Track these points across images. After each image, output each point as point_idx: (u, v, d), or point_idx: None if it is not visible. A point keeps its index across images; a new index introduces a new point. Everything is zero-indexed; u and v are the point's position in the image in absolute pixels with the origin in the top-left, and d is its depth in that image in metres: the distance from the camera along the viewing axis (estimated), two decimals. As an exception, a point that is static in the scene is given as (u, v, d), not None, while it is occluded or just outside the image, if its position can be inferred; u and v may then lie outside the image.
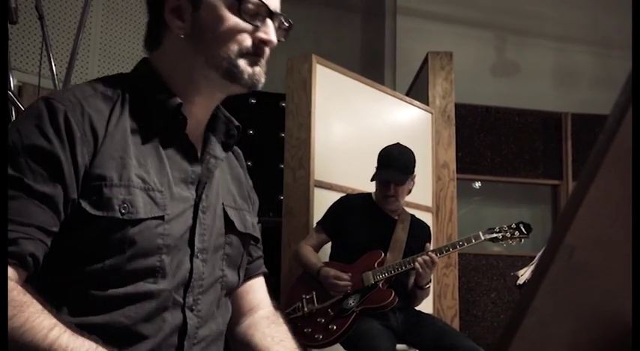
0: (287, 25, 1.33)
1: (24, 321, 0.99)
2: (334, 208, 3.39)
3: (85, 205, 1.13)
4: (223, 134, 1.41)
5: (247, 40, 1.24)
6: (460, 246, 3.12)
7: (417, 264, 3.04)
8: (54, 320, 1.03)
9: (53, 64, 2.87)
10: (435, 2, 6.30)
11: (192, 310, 1.25)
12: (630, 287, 0.65)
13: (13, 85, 2.56)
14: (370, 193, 3.42)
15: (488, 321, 5.51)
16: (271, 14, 1.26)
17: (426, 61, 5.03)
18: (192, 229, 1.26)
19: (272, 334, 1.42)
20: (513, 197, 6.27)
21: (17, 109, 2.50)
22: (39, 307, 1.03)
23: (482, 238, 3.14)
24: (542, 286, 0.53)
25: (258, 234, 1.47)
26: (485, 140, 5.83)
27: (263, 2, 1.24)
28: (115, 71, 4.59)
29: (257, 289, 1.53)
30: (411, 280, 3.20)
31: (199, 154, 1.32)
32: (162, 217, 1.19)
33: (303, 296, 3.17)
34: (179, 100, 1.26)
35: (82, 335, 1.04)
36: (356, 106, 4.15)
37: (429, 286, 3.20)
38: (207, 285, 1.28)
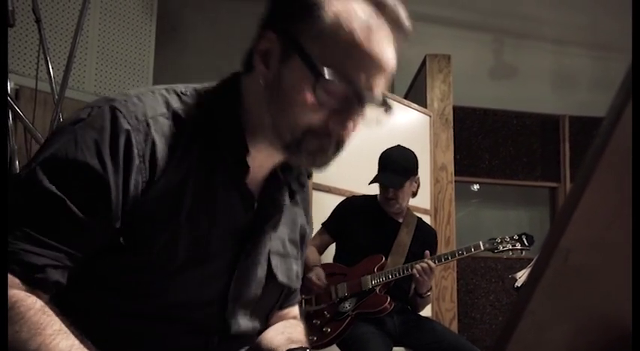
0: (388, 110, 1.15)
1: (38, 345, 0.92)
2: (339, 210, 3.39)
3: (123, 239, 1.06)
4: (293, 178, 1.31)
5: (321, 117, 1.08)
6: (460, 255, 3.12)
7: (414, 271, 3.03)
8: (71, 341, 0.95)
9: (50, 67, 2.87)
10: (433, 5, 6.30)
11: None
12: (628, 290, 0.65)
13: (10, 89, 2.56)
14: (375, 196, 3.41)
15: (487, 323, 5.51)
16: (360, 99, 1.08)
17: (424, 63, 5.04)
18: (227, 281, 1.19)
19: (282, 330, 1.38)
20: (511, 199, 6.27)
21: (14, 112, 2.50)
22: (57, 326, 0.95)
23: (482, 248, 3.13)
24: (537, 289, 0.53)
25: (298, 284, 1.39)
26: (483, 143, 5.83)
27: (354, 88, 1.06)
28: (112, 74, 4.60)
29: (290, 313, 1.48)
30: (412, 286, 3.20)
31: (257, 200, 1.23)
32: (197, 266, 1.13)
33: (302, 296, 3.17)
34: (247, 148, 1.15)
35: None
36: (354, 109, 4.14)
37: (429, 294, 3.19)
38: (241, 336, 1.26)
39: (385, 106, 1.13)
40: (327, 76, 1.03)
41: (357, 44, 1.05)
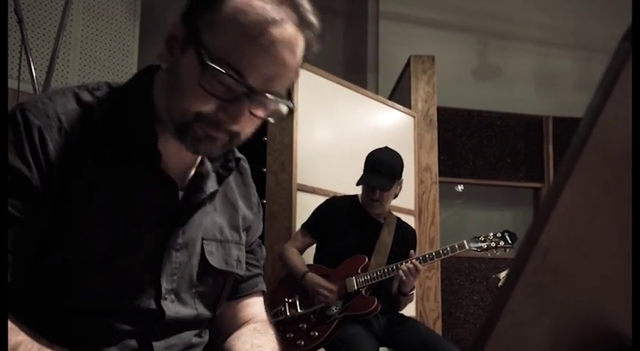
0: (284, 110, 1.13)
1: None
2: (320, 211, 3.38)
3: (47, 235, 1.08)
4: (220, 165, 1.33)
5: (210, 106, 1.08)
6: (444, 254, 3.12)
7: (400, 272, 3.03)
8: (21, 337, 0.98)
9: (33, 68, 2.85)
10: (418, 6, 6.32)
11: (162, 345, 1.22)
12: (607, 288, 0.65)
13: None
14: (356, 196, 3.41)
15: (471, 323, 5.53)
16: (250, 94, 1.07)
17: (408, 64, 5.05)
18: (158, 269, 1.19)
19: (252, 342, 1.36)
20: (495, 200, 6.29)
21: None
22: (8, 326, 0.97)
23: (467, 246, 3.14)
24: (517, 288, 0.53)
25: (241, 270, 1.38)
26: (467, 143, 5.85)
27: (238, 78, 1.05)
28: (96, 75, 4.57)
29: (252, 306, 1.47)
30: (395, 285, 3.20)
31: (184, 188, 1.25)
32: (121, 256, 1.13)
33: (286, 299, 3.16)
34: (155, 136, 1.16)
35: (52, 348, 1.01)
36: (339, 110, 4.15)
37: (413, 293, 3.20)
38: (182, 323, 1.25)
39: (285, 103, 1.13)
40: (212, 65, 1.04)
41: (249, 39, 1.04)
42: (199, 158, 1.28)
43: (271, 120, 1.16)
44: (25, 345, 0.97)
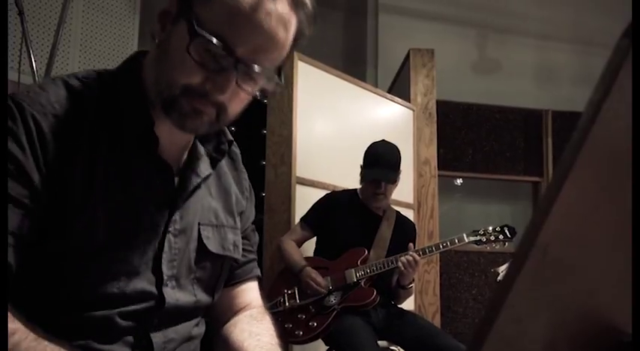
0: (272, 85, 1.14)
1: None
2: (320, 205, 3.40)
3: (47, 223, 1.06)
4: (213, 148, 1.33)
5: (197, 78, 1.08)
6: (444, 247, 3.13)
7: (399, 264, 3.05)
8: (16, 325, 0.97)
9: (33, 60, 2.85)
10: (417, 0, 6.32)
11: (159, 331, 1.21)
12: (607, 283, 0.66)
13: (-8, 81, 2.54)
14: (356, 190, 3.42)
15: (470, 317, 5.54)
16: (237, 64, 1.07)
17: (407, 58, 5.05)
18: (158, 255, 1.19)
19: (250, 329, 1.37)
20: (494, 194, 6.30)
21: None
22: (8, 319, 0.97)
23: (467, 240, 3.15)
24: (516, 283, 0.54)
25: (238, 254, 1.38)
26: (466, 137, 5.86)
27: (226, 47, 1.06)
28: (96, 67, 4.55)
29: (247, 292, 1.47)
30: (394, 278, 3.21)
31: (179, 172, 1.25)
32: (120, 243, 1.13)
33: (285, 291, 3.18)
34: (151, 119, 1.16)
35: (48, 339, 1.00)
36: (338, 103, 4.16)
37: (412, 286, 3.21)
38: (181, 311, 1.25)
39: (274, 80, 1.13)
40: (202, 33, 1.04)
41: (240, 12, 1.05)
42: (192, 141, 1.28)
43: (259, 97, 1.16)
44: (20, 334, 0.96)
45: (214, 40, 1.04)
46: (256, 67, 1.09)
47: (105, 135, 1.13)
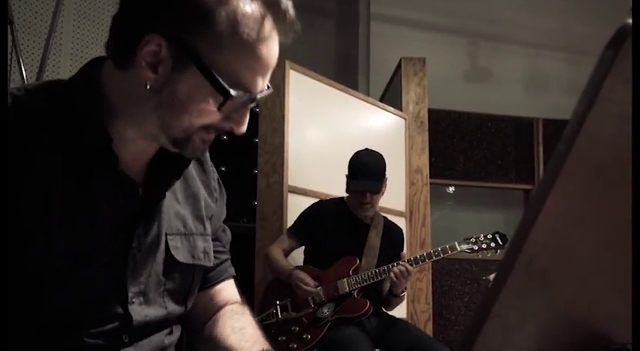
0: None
1: None
2: (307, 214, 3.39)
3: None
4: (178, 158, 1.23)
5: (213, 119, 1.08)
6: (436, 256, 3.12)
7: (392, 274, 3.04)
8: None
9: (23, 69, 2.84)
10: (409, 9, 6.34)
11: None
12: (592, 292, 0.66)
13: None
14: (342, 198, 3.42)
15: (462, 325, 5.54)
16: (253, 101, 1.10)
17: (399, 66, 5.06)
18: (122, 273, 1.15)
19: (232, 325, 1.34)
20: (486, 202, 6.31)
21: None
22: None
23: (459, 248, 3.15)
24: (503, 292, 0.54)
25: (208, 261, 1.34)
26: (458, 145, 5.87)
27: (253, 97, 1.08)
28: (87, 76, 4.55)
29: (224, 291, 1.44)
30: (386, 286, 3.20)
31: (142, 182, 1.20)
32: (81, 266, 1.09)
33: (277, 302, 3.16)
34: (109, 137, 1.10)
35: None
36: (330, 112, 4.16)
37: (404, 294, 3.21)
38: (152, 325, 1.22)
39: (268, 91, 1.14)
40: (230, 92, 1.04)
41: (253, 51, 1.05)
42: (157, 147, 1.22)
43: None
44: None
45: (239, 92, 1.05)
46: (265, 91, 1.11)
47: (60, 154, 1.08)
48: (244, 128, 1.12)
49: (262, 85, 1.10)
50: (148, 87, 1.05)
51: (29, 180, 1.04)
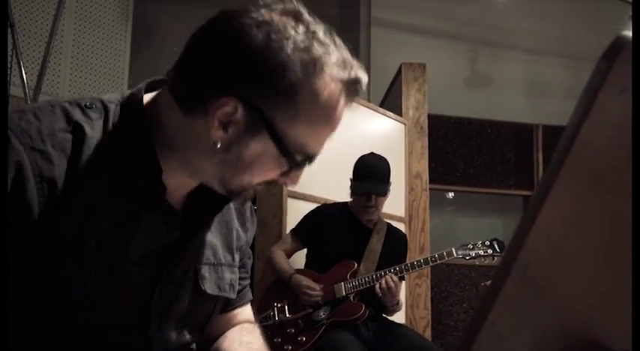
0: None
1: None
2: (310, 217, 3.40)
3: (26, 265, 1.00)
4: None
5: (273, 178, 1.10)
6: (432, 262, 3.13)
7: (377, 290, 3.05)
8: None
9: (24, 72, 2.85)
10: (409, 14, 6.35)
11: None
12: (586, 300, 0.66)
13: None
14: (346, 203, 3.43)
15: (460, 331, 5.53)
16: (312, 162, 1.11)
17: (399, 72, 5.07)
18: (148, 301, 1.15)
19: (240, 339, 1.36)
20: (486, 207, 6.32)
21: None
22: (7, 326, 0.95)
23: (455, 255, 3.15)
24: (498, 301, 0.54)
25: (233, 293, 1.33)
26: (458, 151, 5.87)
27: (312, 158, 1.10)
28: (87, 80, 4.57)
29: (240, 315, 1.44)
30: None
31: (180, 212, 1.18)
32: (111, 290, 1.08)
33: (275, 304, 3.17)
34: (160, 168, 1.08)
35: None
36: (329, 117, 4.15)
37: (399, 305, 3.21)
38: (171, 349, 1.22)
39: None
40: (296, 159, 1.06)
41: (326, 125, 1.08)
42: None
43: None
44: None
45: (305, 160, 1.08)
46: None
47: (109, 178, 1.05)
48: (297, 182, 1.14)
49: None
50: (214, 142, 1.03)
51: (73, 198, 1.02)
